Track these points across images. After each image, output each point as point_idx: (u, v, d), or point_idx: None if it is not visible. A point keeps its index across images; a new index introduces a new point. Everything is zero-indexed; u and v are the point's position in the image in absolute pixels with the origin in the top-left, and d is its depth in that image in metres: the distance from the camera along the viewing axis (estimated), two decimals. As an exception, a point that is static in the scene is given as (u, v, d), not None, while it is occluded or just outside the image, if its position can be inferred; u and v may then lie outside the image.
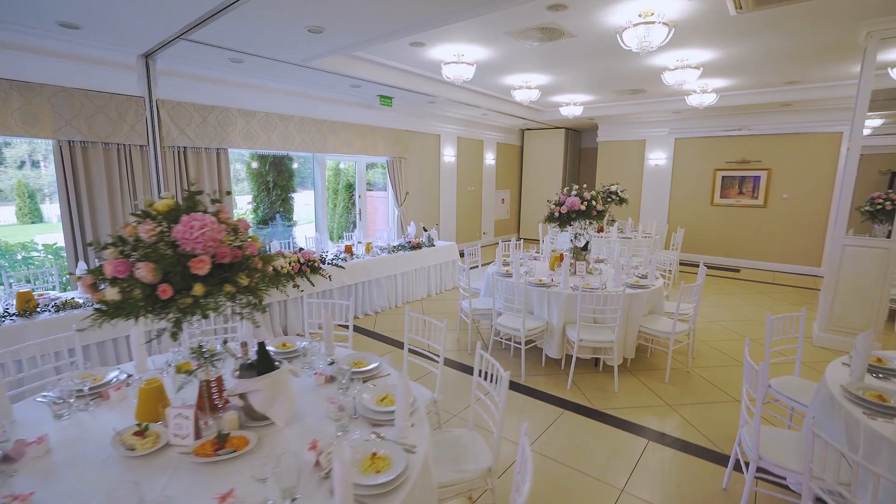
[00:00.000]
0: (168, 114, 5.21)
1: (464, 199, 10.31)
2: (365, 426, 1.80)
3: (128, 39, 4.30)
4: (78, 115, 4.56)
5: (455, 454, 2.08)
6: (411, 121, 8.46)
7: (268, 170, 6.93)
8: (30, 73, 4.25)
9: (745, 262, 8.66)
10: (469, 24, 4.26)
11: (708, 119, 8.57)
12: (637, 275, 4.42)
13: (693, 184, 9.05)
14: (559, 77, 6.41)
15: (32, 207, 6.25)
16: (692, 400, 3.51)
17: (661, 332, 3.80)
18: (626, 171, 9.87)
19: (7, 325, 3.06)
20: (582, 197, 4.40)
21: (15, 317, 3.14)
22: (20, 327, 3.11)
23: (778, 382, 2.81)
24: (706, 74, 5.93)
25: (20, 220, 6.20)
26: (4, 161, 5.77)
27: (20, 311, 3.18)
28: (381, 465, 1.51)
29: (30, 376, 2.63)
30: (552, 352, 3.96)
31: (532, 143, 11.63)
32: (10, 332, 3.05)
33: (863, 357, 2.19)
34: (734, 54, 5.08)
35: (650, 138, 9.42)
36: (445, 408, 3.35)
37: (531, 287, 4.02)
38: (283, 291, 4.45)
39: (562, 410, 3.33)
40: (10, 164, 5.83)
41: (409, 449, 1.62)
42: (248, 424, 1.77)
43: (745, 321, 5.49)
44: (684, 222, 9.01)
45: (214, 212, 1.59)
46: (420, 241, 6.26)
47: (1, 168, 5.76)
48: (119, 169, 4.92)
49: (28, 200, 6.25)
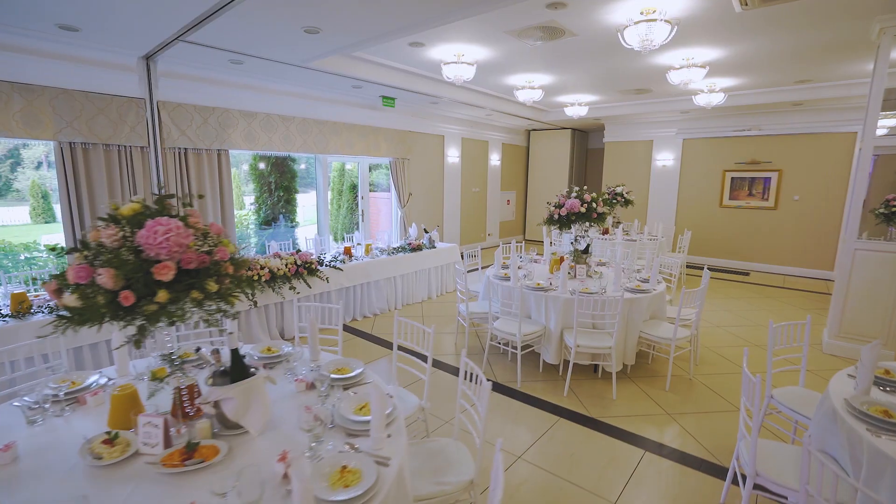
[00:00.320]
0: (169, 115, 5.23)
1: (468, 201, 10.24)
2: (341, 436, 1.74)
3: (127, 41, 4.31)
4: (79, 117, 4.59)
5: (437, 465, 2.02)
6: (414, 121, 8.42)
7: (270, 171, 6.93)
8: (31, 76, 4.28)
9: (755, 265, 8.47)
10: (468, 24, 4.20)
11: (717, 119, 8.40)
12: (638, 279, 4.31)
13: (701, 185, 8.87)
14: (563, 77, 6.31)
15: (46, 208, 6.34)
16: (693, 409, 3.40)
17: (661, 338, 3.70)
18: (633, 172, 9.72)
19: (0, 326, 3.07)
20: (582, 199, 4.30)
21: (8, 318, 3.14)
22: (13, 328, 3.12)
23: (781, 393, 2.70)
24: (713, 73, 5.79)
25: (34, 219, 6.29)
26: (22, 161, 5.85)
27: (14, 311, 3.19)
28: (351, 480, 1.45)
29: (23, 376, 2.62)
30: (549, 357, 3.88)
31: (538, 144, 11.52)
32: (2, 333, 3.06)
33: (868, 369, 2.08)
34: (741, 52, 4.95)
35: (658, 139, 9.26)
36: (438, 413, 3.28)
37: (528, 291, 3.94)
38: (279, 293, 4.43)
39: (557, 418, 3.24)
40: (28, 165, 5.91)
41: (381, 461, 1.57)
42: (221, 433, 1.73)
43: (752, 326, 5.34)
44: (692, 224, 8.84)
45: (183, 216, 1.54)
46: (420, 243, 6.21)
47: (19, 168, 5.84)
48: (120, 170, 4.94)
49: (42, 201, 6.34)
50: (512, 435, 3.04)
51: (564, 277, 3.86)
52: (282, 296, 4.45)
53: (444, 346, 4.64)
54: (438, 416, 3.26)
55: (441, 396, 3.52)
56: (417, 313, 5.74)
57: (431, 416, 3.21)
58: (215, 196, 5.75)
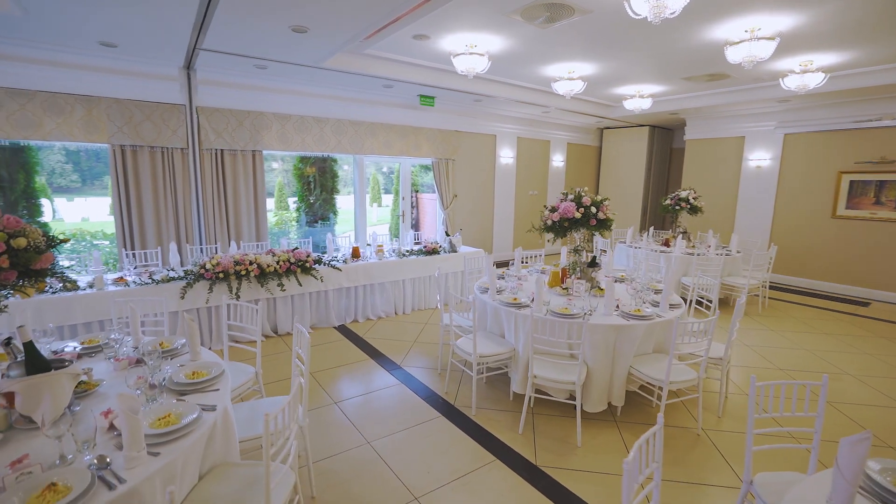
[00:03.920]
0: (206, 119, 5.70)
1: (523, 204, 9.63)
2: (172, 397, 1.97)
3: (160, 53, 4.77)
4: (129, 123, 5.21)
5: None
6: (460, 121, 8.13)
7: (306, 170, 7.22)
8: (89, 88, 4.96)
9: (879, 293, 6.56)
10: (461, 9, 3.83)
11: (828, 108, 6.69)
12: (650, 300, 3.52)
13: (808, 190, 7.16)
14: (607, 65, 5.52)
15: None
16: (681, 475, 2.62)
17: (651, 378, 2.94)
18: (718, 174, 8.24)
19: (11, 302, 3.55)
20: (580, 202, 3.65)
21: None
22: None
23: (766, 481, 1.91)
24: (794, 47, 4.58)
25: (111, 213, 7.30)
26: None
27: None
28: (174, 420, 1.71)
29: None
30: (516, 385, 3.34)
31: (611, 143, 10.41)
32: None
33: (852, 473, 1.32)
34: (834, 14, 3.79)
35: (751, 134, 7.70)
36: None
37: (501, 306, 3.45)
38: (268, 290, 4.51)
39: (493, 459, 2.74)
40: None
41: (207, 407, 1.84)
42: (17, 425, 1.71)
43: (840, 375, 4.07)
44: (794, 238, 7.19)
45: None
46: (436, 246, 5.92)
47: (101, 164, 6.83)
48: (163, 169, 5.51)
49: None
50: (423, 468, 2.63)
51: (539, 292, 3.29)
52: (270, 292, 4.53)
53: (421, 358, 4.30)
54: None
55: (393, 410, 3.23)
56: (424, 320, 5.47)
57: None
58: (248, 193, 6.14)
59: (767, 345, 4.78)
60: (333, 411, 3.29)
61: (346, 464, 2.67)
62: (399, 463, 2.69)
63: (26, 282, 1.68)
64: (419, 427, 3.09)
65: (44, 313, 3.50)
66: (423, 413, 3.28)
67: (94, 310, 3.68)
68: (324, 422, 3.14)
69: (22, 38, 4.32)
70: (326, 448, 2.82)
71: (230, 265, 4.27)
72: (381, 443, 2.89)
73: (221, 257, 4.30)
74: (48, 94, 4.75)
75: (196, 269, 4.25)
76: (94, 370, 2.13)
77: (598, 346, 3.05)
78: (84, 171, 5.74)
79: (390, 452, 2.79)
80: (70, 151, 5.49)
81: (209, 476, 1.80)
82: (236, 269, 4.29)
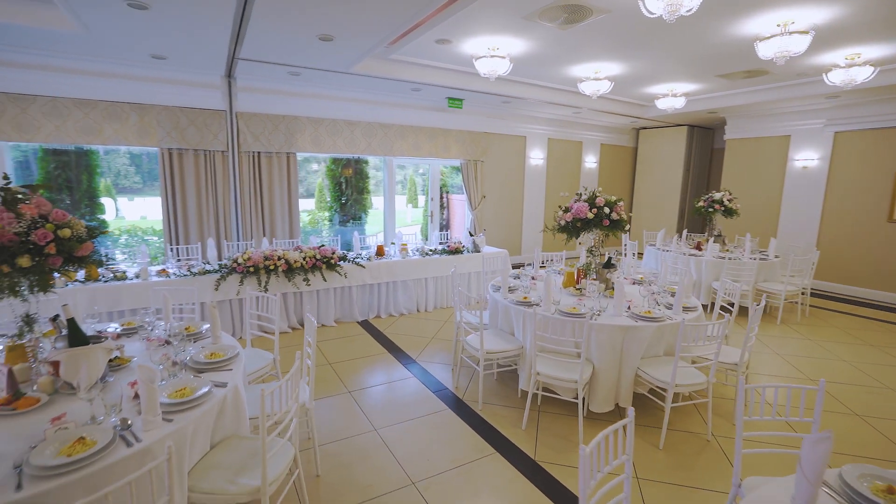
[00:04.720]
0: (245, 123, 6.09)
1: (553, 206, 9.54)
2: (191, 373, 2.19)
3: (206, 63, 5.18)
4: (175, 128, 5.67)
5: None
6: (489, 122, 8.20)
7: (340, 172, 7.52)
8: (142, 96, 5.45)
9: (942, 305, 6.03)
10: (484, 12, 3.92)
11: (884, 103, 6.22)
12: (664, 303, 3.47)
13: (860, 192, 6.68)
14: (634, 64, 5.44)
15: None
16: (681, 479, 2.59)
17: (658, 380, 2.91)
18: (761, 175, 7.84)
19: (71, 288, 3.99)
20: (593, 203, 3.64)
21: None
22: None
23: (755, 486, 1.88)
24: (836, 40, 4.34)
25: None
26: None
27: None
28: (188, 393, 1.91)
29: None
30: (522, 382, 3.38)
31: (647, 144, 10.13)
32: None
33: (813, 474, 1.31)
34: (879, 1, 3.57)
35: (797, 133, 7.28)
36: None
37: (511, 304, 3.51)
38: (294, 284, 4.78)
39: (492, 451, 2.81)
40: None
41: (219, 384, 2.03)
42: (61, 390, 1.98)
43: (879, 387, 3.82)
44: (843, 242, 6.74)
45: (11, 202, 1.79)
46: (460, 246, 6.02)
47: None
48: (205, 171, 5.94)
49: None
50: (424, 457, 2.74)
51: (548, 291, 3.32)
52: (296, 286, 4.80)
53: (440, 354, 4.41)
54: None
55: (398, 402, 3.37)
56: (444, 317, 5.58)
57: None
58: (283, 193, 6.49)
59: (801, 354, 4.54)
60: (347, 399, 3.46)
61: (352, 448, 2.83)
62: (401, 450, 2.81)
63: (70, 267, 1.94)
64: (426, 418, 3.21)
65: (96, 299, 3.91)
66: (431, 405, 3.39)
67: (138, 297, 4.06)
68: (336, 408, 3.32)
69: (83, 54, 4.82)
70: (335, 432, 3.00)
71: (260, 260, 4.56)
72: (387, 431, 3.03)
73: (252, 253, 4.61)
74: (108, 103, 5.26)
75: (229, 264, 4.58)
76: (129, 348, 2.41)
77: (605, 346, 3.05)
78: (144, 174, 6.29)
79: (395, 440, 2.92)
80: (133, 155, 6.03)
81: (219, 446, 2.00)
82: (266, 264, 4.58)
